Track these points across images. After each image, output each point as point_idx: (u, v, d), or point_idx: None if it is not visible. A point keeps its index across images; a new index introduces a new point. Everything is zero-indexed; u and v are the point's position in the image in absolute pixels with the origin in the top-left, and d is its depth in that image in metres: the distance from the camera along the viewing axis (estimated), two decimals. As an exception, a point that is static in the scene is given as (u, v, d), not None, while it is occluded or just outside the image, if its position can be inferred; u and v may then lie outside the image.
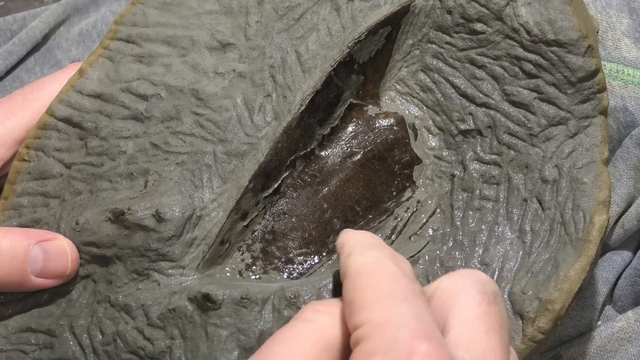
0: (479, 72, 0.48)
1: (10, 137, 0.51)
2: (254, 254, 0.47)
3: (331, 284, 0.44)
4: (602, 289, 0.57)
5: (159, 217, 0.45)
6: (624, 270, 0.58)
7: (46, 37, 0.67)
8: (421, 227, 0.48)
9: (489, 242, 0.46)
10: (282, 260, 0.47)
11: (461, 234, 0.47)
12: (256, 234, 0.48)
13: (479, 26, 0.48)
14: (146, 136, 0.48)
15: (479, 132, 0.48)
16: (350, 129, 0.49)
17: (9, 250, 0.46)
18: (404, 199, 0.49)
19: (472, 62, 0.49)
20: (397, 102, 0.50)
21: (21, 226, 0.49)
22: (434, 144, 0.50)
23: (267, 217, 0.48)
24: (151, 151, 0.48)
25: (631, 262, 0.58)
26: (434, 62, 0.50)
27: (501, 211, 0.47)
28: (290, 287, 0.44)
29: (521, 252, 0.46)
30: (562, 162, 0.47)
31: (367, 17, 0.48)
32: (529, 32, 0.47)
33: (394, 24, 0.49)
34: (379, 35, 0.49)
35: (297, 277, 0.47)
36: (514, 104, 0.48)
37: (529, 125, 0.47)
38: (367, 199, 0.49)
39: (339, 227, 0.48)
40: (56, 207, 0.48)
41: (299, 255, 0.48)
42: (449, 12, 0.48)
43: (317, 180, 0.48)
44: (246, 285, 0.45)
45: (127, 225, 0.46)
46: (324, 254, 0.48)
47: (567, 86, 0.47)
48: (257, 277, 0.47)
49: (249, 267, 0.47)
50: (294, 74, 0.48)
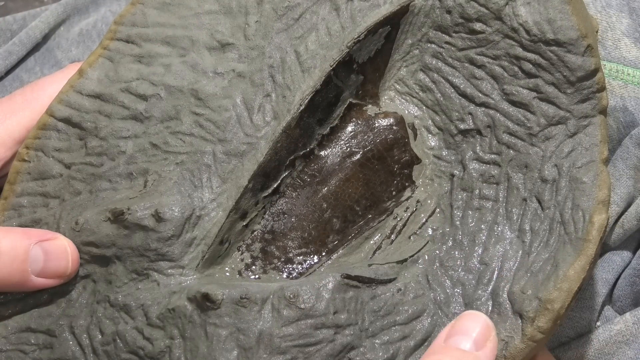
0: (479, 72, 0.48)
1: (10, 137, 0.51)
2: (253, 253, 0.47)
3: (331, 284, 0.44)
4: (602, 290, 0.57)
5: (158, 217, 0.45)
6: (623, 270, 0.58)
7: (46, 37, 0.67)
8: (421, 227, 0.48)
9: (488, 242, 0.46)
10: (282, 260, 0.47)
11: (461, 233, 0.47)
12: (255, 233, 0.48)
13: (478, 26, 0.48)
14: (146, 136, 0.48)
15: (479, 132, 0.48)
16: (349, 128, 0.49)
17: (10, 250, 0.46)
18: (403, 198, 0.49)
19: (472, 62, 0.49)
20: (396, 101, 0.50)
21: (21, 226, 0.49)
22: (433, 144, 0.50)
23: (266, 216, 0.48)
24: (151, 151, 0.48)
25: (630, 262, 0.58)
26: (434, 62, 0.50)
27: (501, 211, 0.47)
28: (289, 286, 0.44)
29: (521, 252, 0.46)
30: (561, 161, 0.47)
31: (367, 17, 0.48)
32: (528, 32, 0.47)
33: (393, 23, 0.49)
34: (379, 35, 0.49)
35: (296, 277, 0.47)
36: (514, 103, 0.48)
37: (529, 124, 0.47)
38: (367, 199, 0.49)
39: (339, 227, 0.48)
40: (56, 207, 0.49)
41: (299, 255, 0.48)
42: (449, 11, 0.48)
43: (316, 180, 0.48)
44: (245, 284, 0.45)
45: (127, 225, 0.46)
46: (324, 254, 0.48)
47: (567, 86, 0.47)
48: (257, 277, 0.47)
49: (248, 267, 0.47)
50: (293, 74, 0.48)
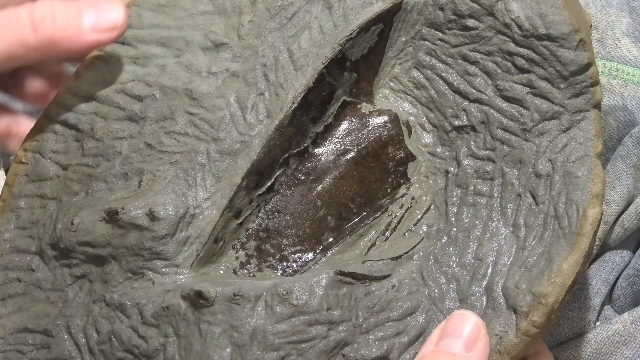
0: (472, 68, 0.48)
1: None
2: (248, 252, 0.48)
3: (324, 280, 0.44)
4: (601, 290, 0.57)
5: (152, 216, 0.45)
6: (623, 270, 0.58)
7: None
8: (416, 224, 0.48)
9: (483, 237, 0.46)
10: (277, 257, 0.48)
11: (455, 229, 0.47)
12: (250, 232, 0.48)
13: (471, 22, 0.48)
14: (141, 136, 0.48)
15: (473, 128, 0.48)
16: (344, 126, 0.49)
17: (62, 9, 0.47)
18: (398, 195, 0.49)
19: (465, 58, 0.49)
20: (390, 99, 0.51)
21: (19, 228, 0.50)
22: (428, 141, 0.50)
23: (261, 215, 0.48)
24: (146, 151, 0.48)
25: (630, 262, 0.58)
26: (427, 59, 0.50)
27: (495, 206, 0.47)
28: (282, 283, 0.44)
29: (515, 247, 0.46)
30: (555, 156, 0.47)
31: (359, 15, 0.48)
32: (520, 27, 0.47)
33: (386, 21, 0.49)
34: (371, 32, 0.49)
35: (291, 275, 0.47)
36: (507, 99, 0.48)
37: (522, 120, 0.47)
38: (362, 196, 0.49)
39: (333, 225, 0.48)
40: (53, 208, 0.49)
41: (294, 252, 0.48)
42: (441, 8, 0.49)
43: (311, 178, 0.49)
44: (239, 282, 0.45)
45: (121, 224, 0.46)
46: (318, 251, 0.48)
47: (560, 80, 0.47)
48: (252, 275, 0.47)
49: (243, 265, 0.47)
50: (286, 72, 0.48)
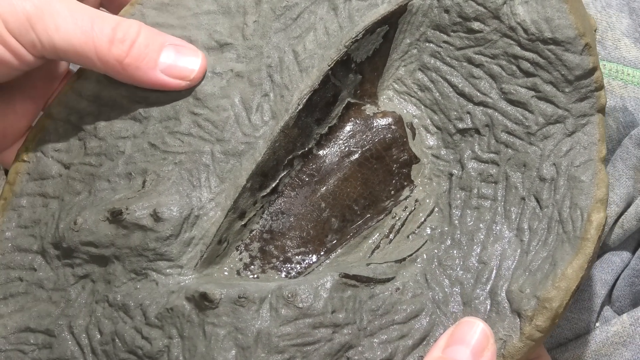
0: (477, 71, 0.48)
1: None
2: (252, 253, 0.47)
3: (329, 283, 0.44)
4: (601, 291, 0.57)
5: (156, 217, 0.45)
6: (622, 271, 0.58)
7: None
8: (419, 226, 0.48)
9: (486, 241, 0.46)
10: (280, 259, 0.47)
11: (459, 232, 0.47)
12: (254, 233, 0.48)
13: (476, 25, 0.48)
14: (144, 136, 0.48)
15: (477, 131, 0.48)
16: (348, 128, 0.49)
17: (145, 38, 0.47)
18: (402, 197, 0.49)
19: (470, 61, 0.49)
20: (395, 101, 0.51)
21: (20, 227, 0.49)
22: (432, 143, 0.50)
23: (265, 216, 0.48)
24: (149, 151, 0.48)
25: (629, 263, 0.58)
26: (432, 61, 0.50)
27: (499, 210, 0.47)
28: (287, 285, 0.44)
29: (519, 251, 0.46)
30: (559, 160, 0.47)
31: (365, 17, 0.48)
32: (526, 31, 0.47)
33: (391, 23, 0.49)
34: (377, 34, 0.49)
35: (295, 276, 0.47)
36: (512, 102, 0.48)
37: (527, 123, 0.47)
38: (365, 198, 0.49)
39: (337, 226, 0.48)
40: (55, 207, 0.49)
41: (297, 254, 0.48)
42: (446, 11, 0.49)
43: (315, 179, 0.49)
44: (243, 284, 0.45)
45: (125, 225, 0.46)
46: (322, 253, 0.48)
47: (565, 84, 0.47)
48: (255, 276, 0.47)
49: (247, 266, 0.47)
50: (291, 74, 0.48)
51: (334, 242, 0.48)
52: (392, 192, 0.49)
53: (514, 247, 0.46)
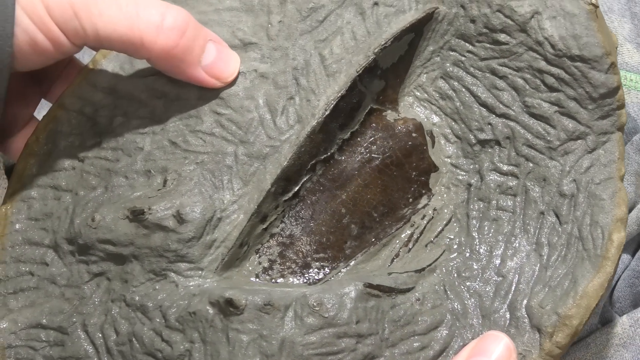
0: (500, 83, 0.48)
1: None
2: (271, 257, 0.47)
3: (354, 293, 0.44)
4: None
5: (180, 218, 0.45)
6: (622, 272, 0.59)
7: None
8: (437, 236, 0.48)
9: (505, 254, 0.47)
10: (299, 264, 0.47)
11: (477, 243, 0.47)
12: (274, 237, 0.47)
13: (502, 37, 0.48)
14: (164, 133, 0.47)
15: (498, 143, 0.49)
16: (369, 133, 0.49)
17: (193, 29, 0.45)
18: (420, 206, 0.49)
19: (493, 72, 0.49)
20: (415, 107, 0.50)
21: (31, 219, 0.48)
22: (451, 152, 0.50)
23: (285, 220, 0.48)
24: (169, 149, 0.47)
25: (630, 264, 0.59)
26: (455, 70, 0.49)
27: (518, 223, 0.47)
28: (312, 294, 0.44)
29: (538, 266, 0.46)
30: (580, 177, 0.47)
31: (392, 23, 0.48)
32: (553, 46, 0.47)
33: (418, 30, 0.49)
34: (404, 41, 0.48)
35: (313, 282, 0.47)
36: (534, 116, 0.48)
37: (548, 138, 0.48)
38: (384, 205, 0.49)
39: (356, 233, 0.48)
40: (68, 201, 0.48)
41: (316, 260, 0.47)
42: (473, 20, 0.48)
43: (335, 184, 0.48)
44: (268, 290, 0.44)
45: (147, 225, 0.45)
46: (341, 260, 0.48)
47: (588, 101, 0.47)
48: (274, 280, 0.47)
49: (266, 270, 0.47)
50: (318, 78, 0.47)
51: (353, 248, 0.48)
52: (411, 199, 0.49)
53: (532, 262, 0.46)
